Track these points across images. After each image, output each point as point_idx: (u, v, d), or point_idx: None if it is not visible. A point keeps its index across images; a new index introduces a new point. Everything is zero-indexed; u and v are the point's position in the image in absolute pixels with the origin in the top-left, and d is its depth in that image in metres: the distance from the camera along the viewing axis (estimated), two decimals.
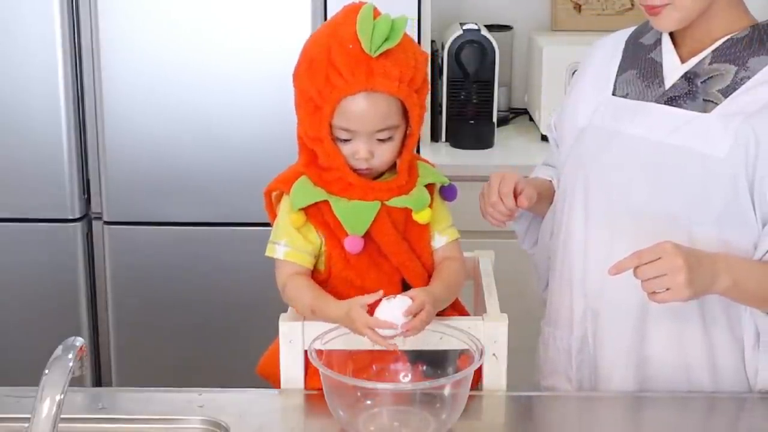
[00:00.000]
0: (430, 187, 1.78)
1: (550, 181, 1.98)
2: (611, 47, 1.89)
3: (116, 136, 2.89)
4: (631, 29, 1.90)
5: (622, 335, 1.79)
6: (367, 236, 1.70)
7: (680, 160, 1.71)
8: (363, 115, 1.66)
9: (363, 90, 1.64)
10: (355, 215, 1.70)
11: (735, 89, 1.70)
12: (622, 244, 1.74)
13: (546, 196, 1.95)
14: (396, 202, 1.72)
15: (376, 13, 1.66)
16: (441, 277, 1.75)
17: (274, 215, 1.78)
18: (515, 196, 1.82)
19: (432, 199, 1.77)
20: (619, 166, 1.77)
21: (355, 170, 1.70)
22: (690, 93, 1.73)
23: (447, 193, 1.81)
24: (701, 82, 1.73)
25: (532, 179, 1.97)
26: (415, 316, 1.60)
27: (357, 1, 1.72)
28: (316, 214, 1.71)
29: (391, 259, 1.72)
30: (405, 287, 1.72)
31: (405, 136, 1.72)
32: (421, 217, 1.74)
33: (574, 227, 1.84)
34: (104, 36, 2.83)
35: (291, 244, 1.72)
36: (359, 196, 1.70)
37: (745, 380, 1.76)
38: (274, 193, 1.79)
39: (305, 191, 1.71)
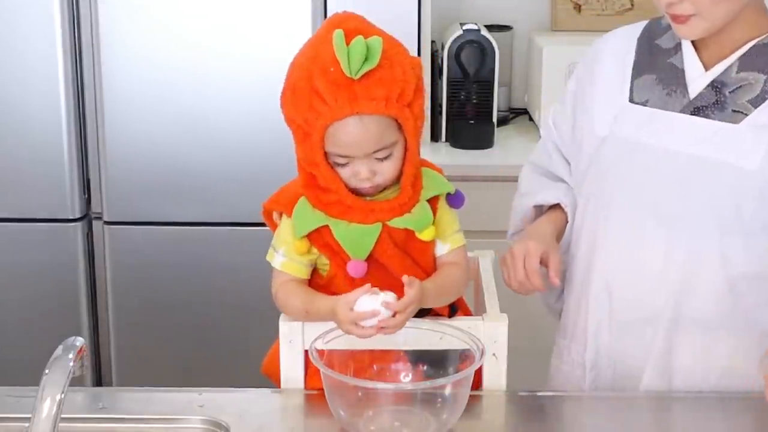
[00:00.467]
0: (434, 198, 1.74)
1: (559, 205, 1.93)
2: (621, 47, 1.84)
3: (116, 136, 2.89)
4: (639, 26, 1.86)
5: (651, 345, 1.78)
6: (370, 257, 1.69)
7: (710, 173, 1.69)
8: (354, 141, 1.62)
9: (349, 115, 1.59)
10: (356, 240, 1.68)
11: (765, 99, 1.67)
12: (653, 256, 1.74)
13: (561, 233, 1.91)
14: (397, 222, 1.69)
15: (349, 35, 1.59)
16: (436, 276, 1.73)
17: (275, 228, 1.77)
18: (544, 265, 1.79)
19: (437, 208, 1.74)
20: (647, 178, 1.74)
21: (356, 190, 1.67)
22: (718, 103, 1.70)
23: (453, 201, 1.77)
24: (729, 92, 1.69)
25: (546, 219, 1.91)
26: (395, 315, 1.59)
27: (341, 12, 1.68)
28: (318, 238, 1.69)
29: (396, 276, 1.69)
30: None
31: (407, 148, 1.68)
32: (424, 235, 1.71)
33: (600, 239, 1.81)
34: (104, 36, 2.83)
35: (288, 255, 1.71)
36: (359, 218, 1.68)
37: None
38: (275, 213, 1.76)
39: (306, 217, 1.69)
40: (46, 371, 1.36)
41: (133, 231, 2.96)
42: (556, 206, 1.93)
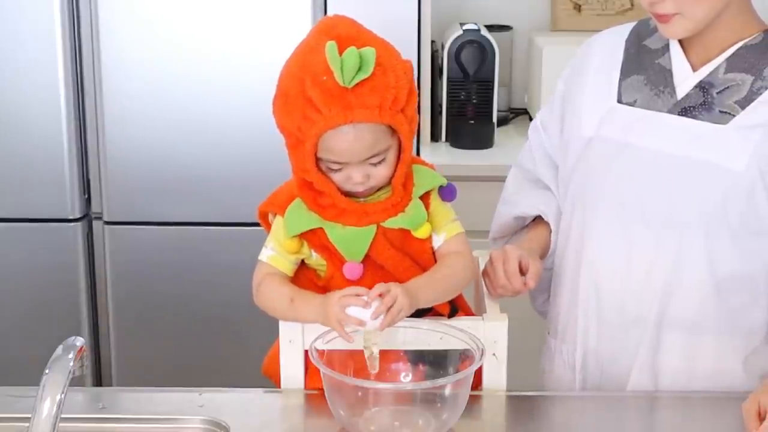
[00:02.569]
0: (426, 193, 1.74)
1: (540, 217, 1.94)
2: (610, 48, 1.85)
3: (116, 136, 2.89)
4: (628, 27, 1.86)
5: (638, 345, 1.78)
6: (366, 258, 1.69)
7: (697, 174, 1.69)
8: (348, 148, 1.62)
9: (343, 123, 1.59)
10: (351, 243, 1.68)
11: (752, 100, 1.67)
12: (639, 257, 1.74)
13: (545, 248, 1.92)
14: (392, 223, 1.69)
15: (341, 44, 1.59)
16: (429, 271, 1.72)
17: (270, 230, 1.77)
18: (521, 273, 1.79)
19: (429, 202, 1.73)
20: (633, 179, 1.74)
21: (349, 192, 1.68)
22: (705, 104, 1.70)
23: (445, 193, 1.77)
24: (717, 93, 1.70)
25: (528, 239, 1.93)
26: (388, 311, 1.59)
27: (331, 16, 1.67)
28: (313, 238, 1.70)
29: (394, 275, 1.69)
30: None
31: (399, 150, 1.67)
32: (419, 233, 1.71)
33: (587, 240, 1.81)
34: (104, 36, 2.83)
35: (276, 249, 1.72)
36: (354, 221, 1.68)
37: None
38: (271, 216, 1.76)
39: (299, 217, 1.69)
40: (46, 371, 1.36)
41: (133, 231, 2.96)
42: (540, 217, 1.94)
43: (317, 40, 1.62)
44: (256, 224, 1.82)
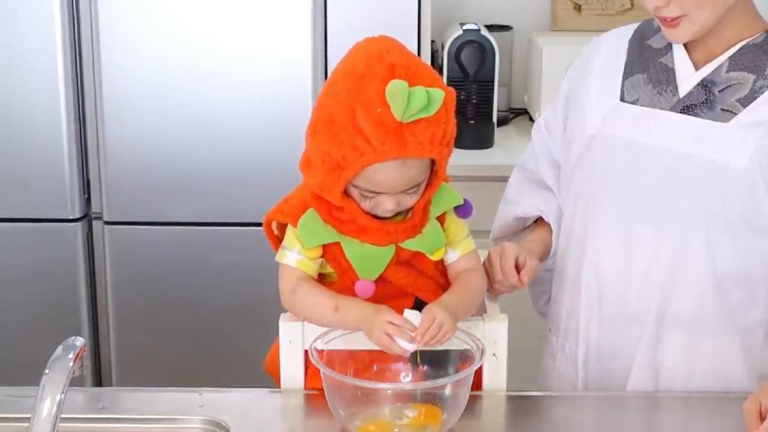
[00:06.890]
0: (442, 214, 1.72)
1: (542, 219, 1.94)
2: (614, 47, 1.85)
3: (116, 136, 2.89)
4: (631, 27, 1.87)
5: (638, 343, 1.79)
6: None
7: (699, 171, 1.69)
8: (392, 181, 1.59)
9: (394, 158, 1.56)
10: (369, 261, 1.66)
11: (754, 98, 1.68)
12: (640, 254, 1.75)
13: (545, 250, 1.93)
14: (409, 244, 1.67)
15: (400, 76, 1.54)
16: (454, 288, 1.70)
17: (276, 244, 1.73)
18: (517, 270, 1.79)
19: (444, 218, 1.72)
20: (636, 176, 1.75)
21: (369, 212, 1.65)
22: (707, 102, 1.71)
23: (461, 211, 1.75)
24: (719, 91, 1.70)
25: (528, 241, 1.93)
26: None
27: (376, 37, 1.63)
28: (328, 252, 1.68)
29: (404, 291, 1.69)
30: (418, 303, 1.69)
31: (434, 176, 1.65)
32: (435, 256, 1.70)
33: (589, 236, 1.82)
34: (104, 36, 2.83)
35: (303, 253, 1.68)
36: (374, 240, 1.65)
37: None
38: (274, 223, 1.73)
39: (315, 230, 1.65)
40: (46, 371, 1.36)
41: (133, 231, 2.95)
42: (541, 218, 1.95)
43: (368, 65, 1.57)
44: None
